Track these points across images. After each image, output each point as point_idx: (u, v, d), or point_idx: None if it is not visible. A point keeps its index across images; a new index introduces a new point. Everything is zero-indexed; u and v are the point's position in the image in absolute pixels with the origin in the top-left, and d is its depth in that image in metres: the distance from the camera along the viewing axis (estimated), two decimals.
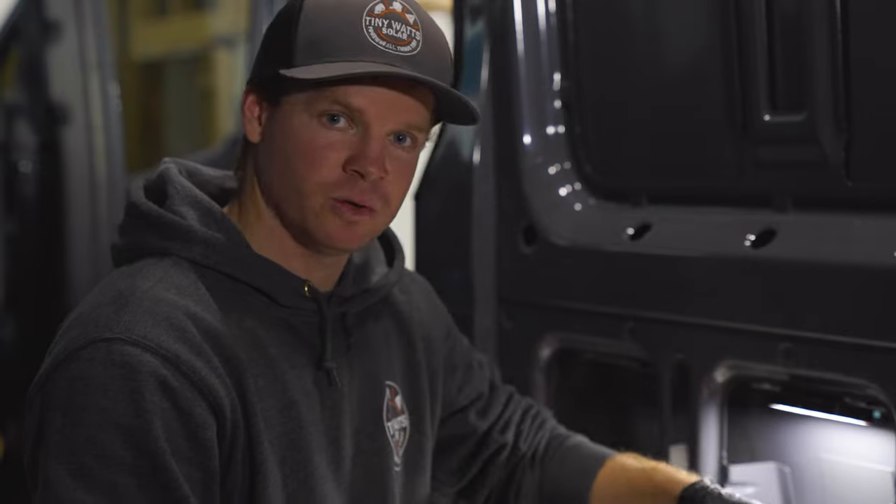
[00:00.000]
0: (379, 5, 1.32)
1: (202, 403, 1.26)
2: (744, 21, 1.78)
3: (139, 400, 1.23)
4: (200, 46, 5.60)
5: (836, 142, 1.68)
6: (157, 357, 1.24)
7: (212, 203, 1.37)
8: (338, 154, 1.31)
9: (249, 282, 1.35)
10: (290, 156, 1.32)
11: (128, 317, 1.26)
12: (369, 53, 1.30)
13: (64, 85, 3.66)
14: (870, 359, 1.57)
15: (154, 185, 1.40)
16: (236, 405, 1.29)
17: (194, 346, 1.27)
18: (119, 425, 1.22)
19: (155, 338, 1.25)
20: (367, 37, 1.30)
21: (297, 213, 1.33)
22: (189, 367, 1.25)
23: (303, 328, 1.38)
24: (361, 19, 1.30)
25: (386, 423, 1.48)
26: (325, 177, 1.31)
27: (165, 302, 1.28)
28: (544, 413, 1.75)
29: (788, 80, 1.75)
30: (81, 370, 1.24)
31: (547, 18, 2.11)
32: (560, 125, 2.13)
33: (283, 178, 1.33)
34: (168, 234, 1.35)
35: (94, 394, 1.22)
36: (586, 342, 2.06)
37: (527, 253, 2.11)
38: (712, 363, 1.79)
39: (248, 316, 1.34)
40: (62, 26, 3.63)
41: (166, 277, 1.31)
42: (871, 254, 1.60)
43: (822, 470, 1.78)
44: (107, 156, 3.66)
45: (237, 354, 1.31)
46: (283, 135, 1.32)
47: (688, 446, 1.83)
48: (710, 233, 1.85)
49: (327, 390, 1.40)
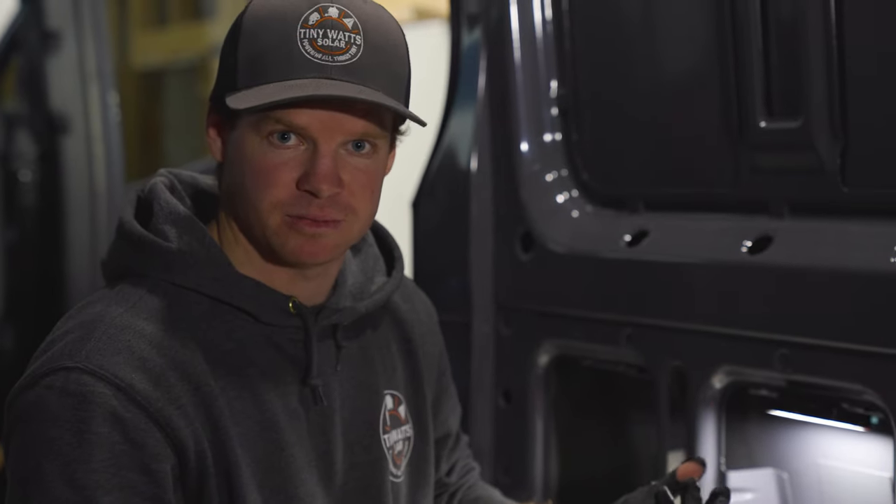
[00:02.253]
0: (313, 14, 1.28)
1: (156, 435, 1.24)
2: (740, 28, 1.79)
3: (84, 431, 1.22)
4: (199, 56, 5.61)
5: (832, 148, 1.69)
6: (111, 387, 1.23)
7: (194, 221, 1.35)
8: (290, 173, 1.29)
9: (231, 302, 1.33)
10: (245, 177, 1.30)
11: (90, 345, 1.26)
12: (304, 69, 1.26)
13: (63, 94, 3.66)
14: (867, 364, 1.58)
15: (144, 200, 1.39)
16: (201, 435, 1.27)
17: (153, 375, 1.25)
18: (61, 455, 1.22)
19: (111, 367, 1.24)
20: (301, 51, 1.27)
21: (260, 231, 1.32)
22: (144, 398, 1.24)
23: (288, 345, 1.36)
24: (296, 32, 1.27)
25: (382, 435, 1.46)
26: (279, 196, 1.29)
27: (131, 329, 1.27)
28: (475, 470, 1.73)
29: (784, 86, 1.76)
30: (39, 397, 1.25)
31: (544, 26, 2.12)
32: (557, 132, 2.13)
33: (243, 199, 1.32)
34: (147, 255, 1.33)
35: (45, 422, 1.23)
36: (584, 349, 2.06)
37: (524, 260, 2.12)
38: (710, 369, 1.79)
39: (229, 337, 1.33)
40: (62, 36, 3.64)
41: (140, 302, 1.30)
42: (868, 260, 1.60)
43: (820, 476, 1.78)
44: (106, 165, 3.66)
45: (208, 381, 1.29)
46: (239, 156, 1.31)
47: (685, 452, 1.83)
48: (707, 239, 1.86)
49: (314, 406, 1.38)
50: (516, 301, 2.15)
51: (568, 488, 2.15)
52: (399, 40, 1.34)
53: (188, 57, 5.73)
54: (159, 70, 5.87)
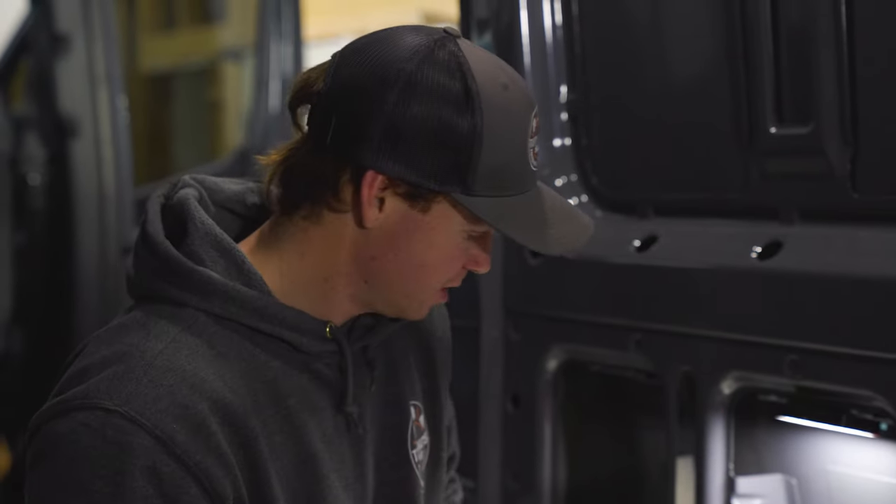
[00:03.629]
0: (533, 121, 1.28)
1: (192, 490, 1.21)
2: (750, 33, 1.79)
3: (120, 483, 1.19)
4: (208, 59, 5.62)
5: (842, 154, 1.68)
6: (151, 438, 1.20)
7: (233, 246, 1.30)
8: (466, 256, 1.32)
9: (271, 332, 1.30)
10: (427, 264, 1.29)
11: (131, 386, 1.22)
12: (530, 181, 1.29)
13: (73, 98, 3.66)
14: (877, 370, 1.57)
15: (172, 211, 1.34)
16: (239, 481, 1.25)
17: (194, 424, 1.22)
18: (92, 502, 1.20)
19: (153, 416, 1.20)
20: (529, 164, 1.28)
21: (405, 299, 1.32)
22: (183, 451, 1.21)
23: (324, 370, 1.34)
24: (527, 143, 1.27)
25: (410, 451, 1.45)
26: (450, 275, 1.33)
27: (173, 372, 1.23)
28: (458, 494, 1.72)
29: (794, 92, 1.76)
30: (73, 432, 1.21)
31: (553, 31, 2.12)
32: (567, 137, 2.13)
33: (408, 278, 1.30)
34: (186, 284, 1.28)
35: (79, 460, 1.20)
36: (593, 354, 2.06)
37: (533, 265, 2.12)
38: (719, 375, 1.79)
39: (268, 367, 1.30)
40: (71, 39, 3.64)
41: (180, 337, 1.26)
42: (878, 266, 1.60)
43: (829, 482, 1.77)
44: (115, 168, 3.66)
45: (249, 421, 1.26)
46: (426, 243, 1.28)
47: (694, 458, 1.83)
48: (717, 245, 1.85)
49: (350, 432, 1.36)
50: (525, 306, 2.15)
51: (576, 493, 2.14)
52: None
53: (197, 61, 5.74)
54: (168, 74, 5.88)
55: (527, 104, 1.28)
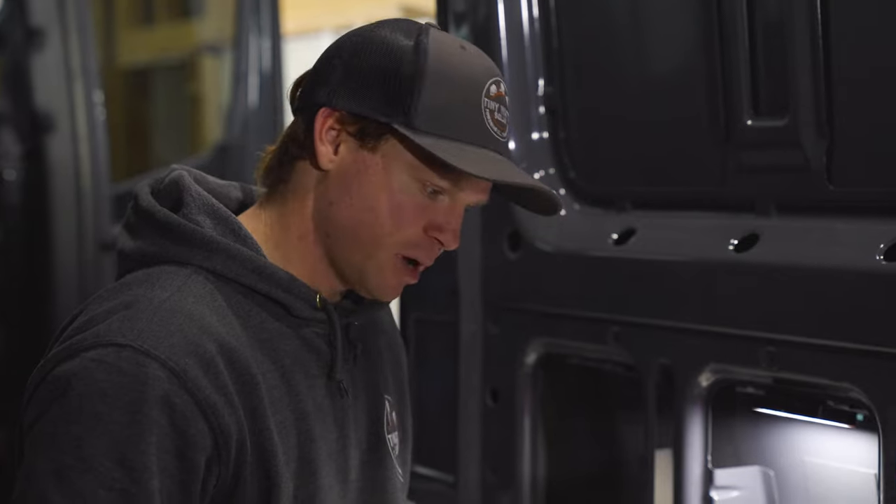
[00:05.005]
0: (493, 86, 1.33)
1: (200, 423, 1.24)
2: (726, 26, 1.79)
3: (136, 412, 1.21)
4: (187, 54, 5.59)
5: (818, 146, 1.69)
6: (165, 370, 1.23)
7: (228, 213, 1.36)
8: (425, 218, 1.33)
9: (268, 293, 1.34)
10: (377, 205, 1.32)
11: (142, 325, 1.25)
12: (485, 140, 1.32)
13: (48, 92, 3.64)
14: (853, 362, 1.58)
15: (165, 192, 1.38)
16: (243, 423, 1.28)
17: (205, 361, 1.25)
18: (110, 433, 1.21)
19: (166, 350, 1.24)
20: (485, 122, 1.32)
21: (361, 258, 1.34)
22: (195, 385, 1.24)
23: (314, 339, 1.38)
24: (482, 101, 1.31)
25: (387, 435, 1.48)
26: (409, 237, 1.33)
27: (181, 313, 1.27)
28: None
29: (770, 84, 1.76)
30: (86, 369, 1.22)
31: (531, 24, 2.12)
32: (544, 131, 2.13)
33: (361, 223, 1.33)
34: (188, 243, 1.33)
35: (93, 396, 1.21)
36: (572, 347, 2.07)
37: (512, 258, 2.12)
38: (696, 367, 1.80)
39: (265, 327, 1.34)
40: (46, 33, 3.62)
41: (185, 287, 1.30)
42: (854, 257, 1.60)
43: (806, 473, 1.78)
44: (91, 164, 3.64)
45: (251, 368, 1.29)
46: (377, 185, 1.32)
47: (672, 450, 1.84)
48: (694, 237, 1.86)
49: (338, 401, 1.39)
50: (504, 300, 2.15)
51: (555, 487, 2.15)
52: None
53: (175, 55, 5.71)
54: (146, 68, 5.84)
55: (484, 68, 1.34)
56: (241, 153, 4.19)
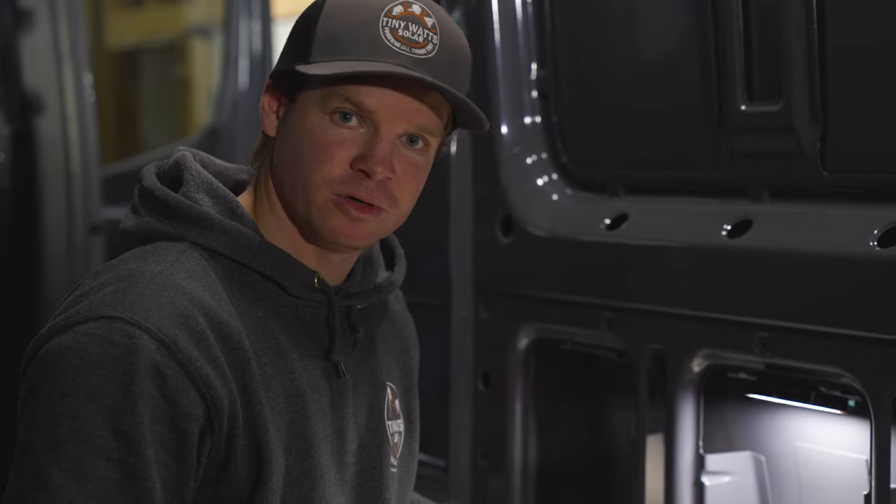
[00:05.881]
0: (398, 7, 1.33)
1: (192, 394, 1.25)
2: (720, 11, 1.78)
3: (129, 383, 1.23)
4: (176, 36, 5.57)
5: (811, 132, 1.69)
6: (155, 341, 1.24)
7: (227, 192, 1.39)
8: (346, 151, 1.32)
9: (263, 271, 1.35)
10: (300, 151, 1.34)
11: (133, 297, 1.26)
12: (383, 54, 1.31)
13: (37, 75, 3.62)
14: (845, 348, 1.58)
15: (168, 172, 1.41)
16: (235, 396, 1.29)
17: (195, 333, 1.27)
18: (104, 404, 1.22)
19: (156, 321, 1.25)
20: (382, 37, 1.32)
21: (304, 207, 1.35)
22: (185, 356, 1.25)
23: (311, 320, 1.39)
24: (379, 19, 1.32)
25: (387, 421, 1.48)
26: (332, 172, 1.32)
27: (173, 286, 1.29)
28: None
29: (764, 70, 1.75)
30: (79, 343, 1.24)
31: (524, 8, 2.11)
32: (537, 115, 2.12)
33: (293, 173, 1.35)
34: (184, 219, 1.35)
35: (87, 369, 1.23)
36: (563, 332, 2.06)
37: (504, 243, 2.11)
38: (689, 353, 1.80)
39: (259, 305, 1.35)
40: (35, 15, 3.60)
41: (178, 262, 1.32)
42: (847, 244, 1.60)
43: (798, 458, 1.78)
44: (81, 146, 3.62)
45: (243, 343, 1.31)
46: (297, 130, 1.34)
47: (664, 435, 1.84)
48: (687, 223, 1.86)
49: (335, 382, 1.40)
50: (496, 284, 2.14)
51: (546, 471, 2.15)
52: (468, 54, 1.40)
53: (164, 37, 5.68)
54: (135, 50, 5.82)
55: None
56: (231, 136, 4.18)
